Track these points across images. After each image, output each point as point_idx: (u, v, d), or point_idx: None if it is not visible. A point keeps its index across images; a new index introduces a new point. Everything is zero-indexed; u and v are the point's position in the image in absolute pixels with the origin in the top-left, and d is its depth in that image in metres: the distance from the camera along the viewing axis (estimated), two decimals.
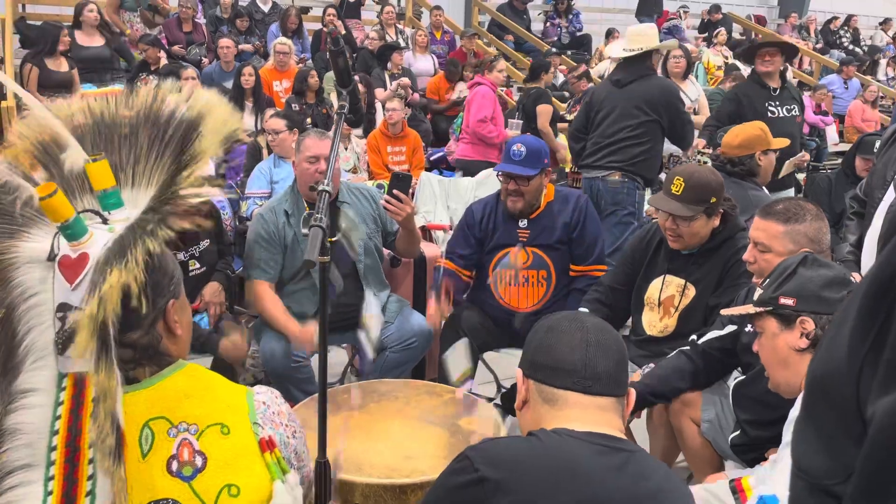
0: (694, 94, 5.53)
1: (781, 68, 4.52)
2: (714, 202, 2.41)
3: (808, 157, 4.51)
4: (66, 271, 1.04)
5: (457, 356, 2.57)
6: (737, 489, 1.75)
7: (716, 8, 11.53)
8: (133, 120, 1.15)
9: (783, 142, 3.43)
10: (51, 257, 1.05)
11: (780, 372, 1.67)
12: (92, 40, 6.20)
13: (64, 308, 1.03)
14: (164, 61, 6.48)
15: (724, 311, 1.86)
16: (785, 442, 1.53)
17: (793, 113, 4.48)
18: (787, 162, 4.31)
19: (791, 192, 4.46)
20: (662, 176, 4.37)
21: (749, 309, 1.70)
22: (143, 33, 6.81)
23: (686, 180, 2.42)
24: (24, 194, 1.08)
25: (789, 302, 1.62)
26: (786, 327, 1.63)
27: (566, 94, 7.86)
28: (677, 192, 2.42)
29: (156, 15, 6.90)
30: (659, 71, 5.63)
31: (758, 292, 1.73)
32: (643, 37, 4.13)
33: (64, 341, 1.02)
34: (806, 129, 4.68)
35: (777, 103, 4.46)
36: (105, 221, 1.10)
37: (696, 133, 5.51)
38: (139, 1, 6.80)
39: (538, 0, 11.71)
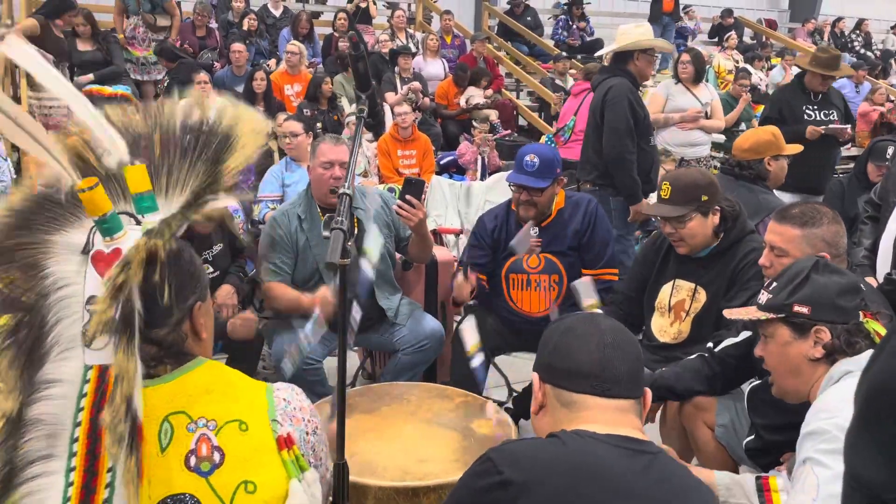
0: (706, 97, 5.45)
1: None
2: (706, 200, 2.41)
3: (848, 130, 4.52)
4: (98, 265, 1.06)
5: (467, 329, 2.53)
6: (763, 488, 1.72)
7: (728, 12, 11.49)
8: (164, 130, 1.17)
9: (796, 147, 3.43)
10: (85, 251, 1.07)
11: (788, 380, 1.64)
12: (86, 45, 6.37)
13: (93, 301, 1.04)
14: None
15: (727, 314, 1.80)
16: (802, 459, 1.48)
17: (831, 118, 4.55)
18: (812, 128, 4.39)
19: (821, 199, 4.45)
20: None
21: (758, 314, 1.65)
22: (147, 36, 6.88)
23: (672, 183, 2.46)
24: (65, 187, 1.10)
25: (804, 310, 1.57)
26: (799, 336, 1.59)
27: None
28: (666, 196, 2.47)
29: (157, 18, 6.92)
30: (670, 75, 5.59)
31: (763, 295, 1.68)
32: (624, 35, 3.87)
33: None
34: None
35: (815, 107, 4.53)
36: (138, 224, 1.11)
37: (707, 137, 5.49)
38: (140, 4, 6.84)
39: (548, 4, 11.71)
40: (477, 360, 2.35)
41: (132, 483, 0.98)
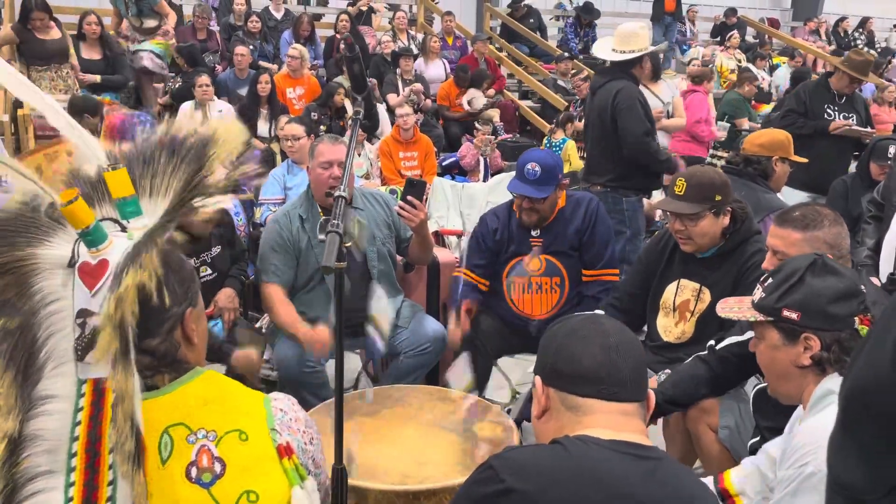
0: (667, 96, 5.40)
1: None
2: (719, 200, 2.40)
3: (873, 134, 4.55)
4: (85, 278, 1.05)
5: (456, 373, 2.48)
6: (723, 495, 1.69)
7: (732, 11, 11.45)
8: (150, 141, 1.16)
9: (801, 159, 3.44)
10: (71, 264, 1.06)
11: (779, 383, 1.61)
12: (92, 53, 6.32)
13: (84, 314, 1.04)
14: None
15: (720, 305, 1.74)
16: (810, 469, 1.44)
17: (850, 121, 4.59)
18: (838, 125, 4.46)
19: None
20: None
21: (750, 313, 1.61)
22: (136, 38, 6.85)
23: (688, 180, 2.44)
24: (44, 202, 1.09)
25: (793, 316, 1.52)
26: (788, 341, 1.54)
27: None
28: (680, 192, 2.44)
29: (144, 21, 6.83)
30: (672, 75, 5.59)
31: (757, 291, 1.63)
32: (636, 38, 3.76)
33: (83, 347, 1.03)
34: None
35: (836, 108, 4.58)
36: (124, 230, 1.10)
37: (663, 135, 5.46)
38: (129, 8, 6.79)
39: (549, 4, 11.70)
40: (467, 402, 2.29)
41: (142, 496, 0.98)
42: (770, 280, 1.61)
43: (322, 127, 5.88)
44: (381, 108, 6.68)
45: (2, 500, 0.98)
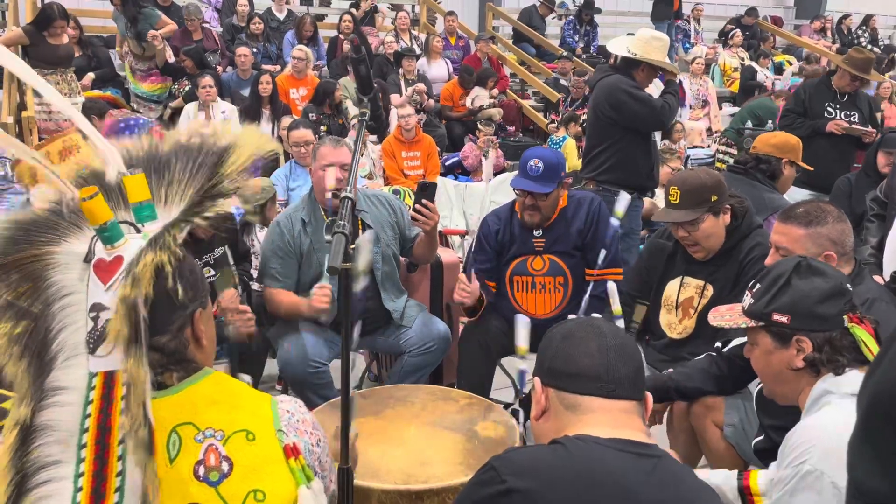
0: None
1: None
2: (716, 200, 2.41)
3: (872, 133, 4.53)
4: (100, 273, 1.07)
5: (523, 326, 2.38)
6: (745, 491, 1.70)
7: (752, 11, 11.35)
8: (167, 151, 1.19)
9: (808, 167, 3.46)
10: (87, 259, 1.08)
11: (776, 387, 1.62)
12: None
13: (97, 308, 1.06)
14: (171, 58, 6.71)
15: (713, 321, 1.76)
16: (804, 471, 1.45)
17: (851, 119, 4.58)
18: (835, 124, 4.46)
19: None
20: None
21: (741, 320, 1.63)
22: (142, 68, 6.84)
23: (680, 187, 2.46)
24: (65, 202, 1.12)
25: (783, 319, 1.54)
26: (781, 345, 1.56)
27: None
28: (675, 201, 2.46)
29: (146, 48, 6.76)
30: None
31: (747, 297, 1.65)
32: (646, 45, 3.82)
33: (95, 340, 1.05)
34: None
35: (837, 107, 4.56)
36: (139, 232, 1.13)
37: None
38: (128, 28, 6.75)
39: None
40: (523, 365, 2.25)
41: (154, 483, 0.99)
42: (758, 286, 1.63)
43: (322, 127, 5.88)
44: (393, 114, 6.64)
45: (13, 488, 1.00)
